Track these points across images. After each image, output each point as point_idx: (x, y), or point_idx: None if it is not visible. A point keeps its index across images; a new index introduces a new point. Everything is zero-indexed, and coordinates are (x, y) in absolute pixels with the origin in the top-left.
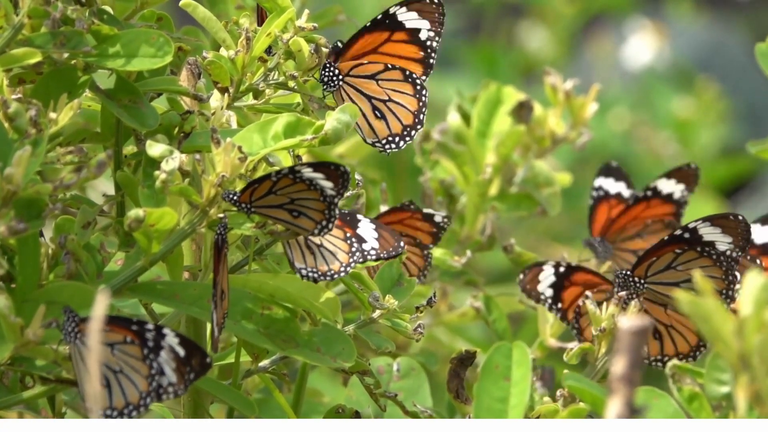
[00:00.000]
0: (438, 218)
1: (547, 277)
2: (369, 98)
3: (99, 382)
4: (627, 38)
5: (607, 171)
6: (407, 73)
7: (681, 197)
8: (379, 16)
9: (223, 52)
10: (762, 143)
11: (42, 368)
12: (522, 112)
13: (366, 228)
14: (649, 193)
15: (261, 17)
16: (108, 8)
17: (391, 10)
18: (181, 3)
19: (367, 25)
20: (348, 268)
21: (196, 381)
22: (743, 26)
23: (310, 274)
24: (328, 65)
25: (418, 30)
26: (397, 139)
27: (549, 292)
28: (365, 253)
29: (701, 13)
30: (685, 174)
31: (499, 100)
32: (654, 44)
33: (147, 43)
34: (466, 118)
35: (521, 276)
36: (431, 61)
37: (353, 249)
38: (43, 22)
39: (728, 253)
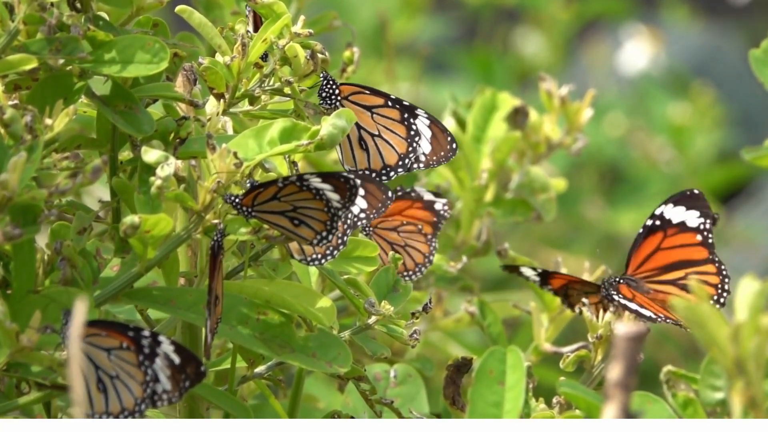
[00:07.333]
0: (438, 206)
1: None
2: (359, 127)
3: (82, 388)
4: (623, 44)
5: None
6: (405, 115)
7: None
8: None
9: (218, 58)
10: (757, 150)
11: (38, 374)
12: (517, 117)
13: None
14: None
15: (256, 23)
16: (104, 14)
17: None
18: (176, 9)
19: None
20: (345, 238)
21: (191, 389)
22: (739, 32)
23: (313, 261)
24: (330, 82)
25: None
26: (373, 174)
27: None
28: (356, 217)
29: (697, 18)
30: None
31: (495, 105)
32: (649, 50)
33: (143, 50)
34: (461, 123)
35: None
36: None
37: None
38: (38, 29)
39: (701, 227)
